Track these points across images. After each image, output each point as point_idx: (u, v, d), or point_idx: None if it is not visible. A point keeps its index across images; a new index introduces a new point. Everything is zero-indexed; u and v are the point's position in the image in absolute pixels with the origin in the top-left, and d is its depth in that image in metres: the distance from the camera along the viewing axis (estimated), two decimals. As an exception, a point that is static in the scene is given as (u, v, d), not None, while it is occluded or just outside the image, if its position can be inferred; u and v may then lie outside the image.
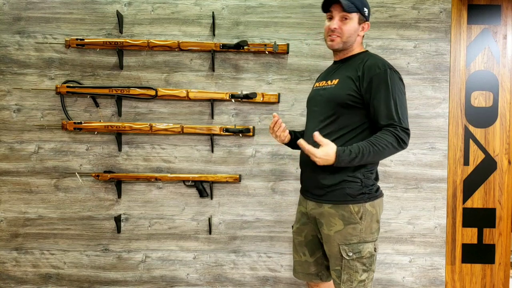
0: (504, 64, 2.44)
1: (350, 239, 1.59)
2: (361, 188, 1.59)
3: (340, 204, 1.59)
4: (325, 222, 1.63)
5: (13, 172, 2.44)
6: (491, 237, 2.47)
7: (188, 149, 2.44)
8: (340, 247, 1.59)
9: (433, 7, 2.40)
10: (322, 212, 1.64)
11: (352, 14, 1.62)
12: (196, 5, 2.40)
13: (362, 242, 1.59)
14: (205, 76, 2.43)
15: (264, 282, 2.48)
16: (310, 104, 1.79)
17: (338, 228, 1.59)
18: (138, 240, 2.47)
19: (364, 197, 1.60)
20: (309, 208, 1.71)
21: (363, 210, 1.59)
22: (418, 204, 2.45)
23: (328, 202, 1.62)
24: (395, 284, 2.47)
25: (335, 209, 1.60)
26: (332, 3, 1.63)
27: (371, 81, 1.55)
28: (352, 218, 1.58)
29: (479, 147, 2.46)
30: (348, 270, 1.59)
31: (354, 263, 1.58)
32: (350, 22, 1.63)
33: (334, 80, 1.68)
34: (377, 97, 1.54)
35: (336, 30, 1.63)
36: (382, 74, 1.55)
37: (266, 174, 2.44)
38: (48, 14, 2.40)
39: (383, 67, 1.57)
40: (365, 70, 1.58)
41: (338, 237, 1.59)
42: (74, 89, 2.35)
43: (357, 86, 1.59)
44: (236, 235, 2.47)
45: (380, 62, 1.60)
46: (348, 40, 1.65)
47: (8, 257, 2.47)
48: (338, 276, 1.61)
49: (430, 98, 2.42)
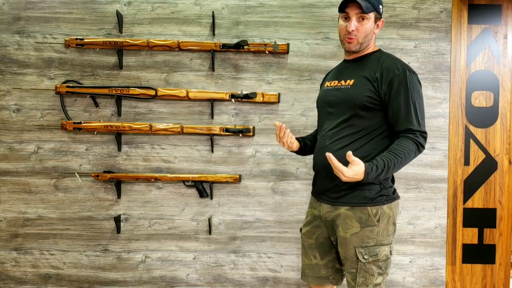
0: (505, 64, 2.44)
1: (367, 242, 1.56)
2: (380, 190, 1.58)
3: (357, 207, 1.57)
4: (341, 224, 1.60)
5: (12, 172, 2.44)
6: (491, 237, 2.46)
7: (188, 149, 2.44)
8: (357, 250, 1.56)
9: (434, 6, 2.40)
10: (338, 214, 1.61)
11: (369, 14, 1.59)
12: (196, 5, 2.40)
13: (378, 245, 1.57)
14: (205, 76, 2.42)
15: (264, 283, 2.48)
16: (323, 104, 1.75)
17: (355, 231, 1.57)
18: (137, 240, 2.46)
19: (382, 199, 1.58)
20: (323, 211, 1.68)
21: (381, 212, 1.57)
22: (419, 204, 2.44)
23: (345, 204, 1.59)
24: (395, 284, 2.47)
25: (352, 212, 1.58)
26: (348, 3, 1.58)
27: (391, 83, 1.54)
28: (369, 221, 1.56)
29: (480, 147, 2.45)
30: (363, 273, 1.57)
31: (370, 266, 1.56)
32: (367, 23, 1.60)
33: (349, 81, 1.64)
34: (397, 99, 1.53)
35: (353, 31, 1.60)
36: (401, 76, 1.54)
37: (266, 174, 2.44)
38: (47, 14, 2.40)
39: (402, 68, 1.56)
40: (384, 72, 1.56)
41: (355, 240, 1.57)
42: (73, 89, 2.35)
43: (375, 88, 1.57)
44: (236, 235, 2.47)
45: (399, 63, 1.59)
46: (365, 41, 1.63)
47: (7, 257, 2.47)
48: (353, 279, 1.59)
49: (430, 98, 2.42)
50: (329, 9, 2.39)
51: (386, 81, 1.55)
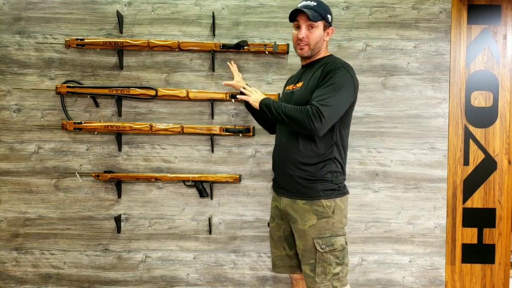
0: (504, 64, 2.44)
1: (323, 233, 1.70)
2: (332, 185, 1.73)
3: (313, 200, 1.71)
4: (299, 218, 1.73)
5: (13, 172, 2.44)
6: (491, 237, 2.47)
7: (188, 149, 2.44)
8: (314, 241, 1.69)
9: (433, 7, 2.40)
10: (296, 208, 1.75)
11: (317, 22, 1.74)
12: (196, 5, 2.40)
13: (334, 235, 1.71)
14: (205, 76, 2.43)
15: (264, 282, 2.48)
16: None
17: (312, 223, 1.70)
18: (138, 240, 2.47)
19: (334, 192, 1.73)
20: (283, 205, 1.82)
21: (335, 205, 1.72)
22: (418, 204, 2.45)
23: (302, 198, 1.73)
24: (395, 284, 2.47)
25: (309, 205, 1.72)
26: (298, 13, 1.75)
27: (325, 75, 1.68)
28: (325, 213, 1.70)
29: (479, 147, 2.46)
30: (322, 263, 1.69)
31: (327, 255, 1.69)
32: (316, 30, 1.75)
33: (299, 84, 1.81)
34: (320, 85, 1.67)
35: (304, 39, 1.75)
36: (334, 70, 1.67)
37: (266, 174, 2.44)
38: (48, 14, 2.40)
39: (339, 65, 1.70)
40: (325, 69, 1.71)
41: (312, 231, 1.70)
42: (74, 89, 2.35)
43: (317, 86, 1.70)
44: (236, 235, 2.47)
45: (339, 62, 1.73)
46: (315, 47, 1.78)
47: (8, 257, 2.48)
48: (313, 270, 1.71)
49: (430, 98, 2.42)
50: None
51: (323, 75, 1.69)
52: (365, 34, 2.41)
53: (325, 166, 1.73)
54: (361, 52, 2.41)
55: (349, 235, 2.45)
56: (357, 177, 2.44)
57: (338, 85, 1.64)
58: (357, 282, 2.47)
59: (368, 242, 2.46)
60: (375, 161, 2.44)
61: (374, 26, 2.40)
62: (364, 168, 2.44)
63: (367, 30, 2.40)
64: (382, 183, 2.44)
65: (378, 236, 2.46)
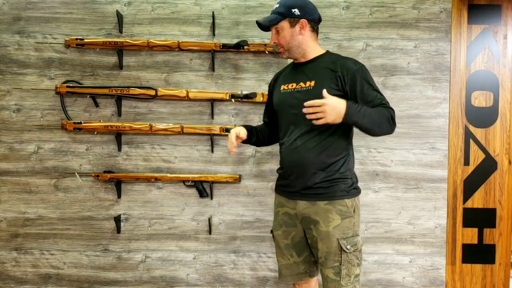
0: (505, 64, 2.44)
1: (347, 233, 1.65)
2: (352, 184, 1.71)
3: (336, 200, 1.66)
4: (322, 219, 1.66)
5: (12, 172, 2.44)
6: (491, 237, 2.47)
7: (188, 149, 2.44)
8: (340, 242, 1.63)
9: (433, 7, 2.40)
10: (317, 210, 1.67)
11: (280, 23, 1.69)
12: (196, 5, 2.40)
13: (355, 235, 1.68)
14: (205, 76, 2.42)
15: (264, 282, 2.48)
16: (285, 107, 1.77)
17: (337, 223, 1.64)
18: (138, 240, 2.47)
19: (354, 191, 1.71)
20: (300, 208, 1.71)
21: (355, 204, 1.70)
22: (418, 204, 2.45)
23: (324, 199, 1.66)
24: (395, 284, 2.47)
25: (332, 205, 1.66)
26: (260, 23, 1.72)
27: (354, 77, 1.64)
28: (348, 212, 1.66)
29: (480, 147, 2.45)
30: (347, 265, 1.64)
31: (351, 256, 1.64)
32: (282, 32, 1.70)
33: (309, 82, 1.70)
34: (363, 90, 1.64)
35: (276, 44, 1.74)
36: (360, 70, 1.66)
37: (266, 174, 2.44)
38: (47, 14, 2.40)
39: (358, 63, 1.68)
40: (344, 69, 1.66)
41: (337, 232, 1.64)
42: (73, 89, 2.35)
43: (339, 86, 1.66)
44: (236, 235, 2.47)
45: (352, 60, 1.72)
46: (290, 47, 1.72)
47: (7, 257, 2.47)
48: (337, 273, 1.63)
49: (430, 98, 2.42)
50: (329, 9, 2.40)
51: (349, 77, 1.64)
52: (365, 34, 2.40)
53: (344, 163, 1.69)
54: (361, 52, 2.41)
55: (349, 235, 2.45)
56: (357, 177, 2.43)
57: (373, 82, 1.67)
58: (357, 282, 2.47)
59: (369, 242, 2.45)
60: (375, 161, 2.43)
61: (374, 25, 2.40)
62: (365, 168, 2.43)
63: (367, 30, 2.40)
64: (383, 183, 2.43)
65: (378, 236, 2.45)
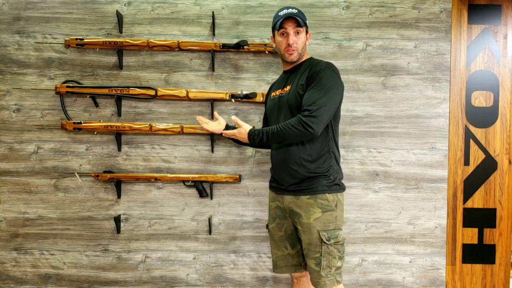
0: (505, 64, 2.44)
1: (328, 225, 1.76)
2: (333, 180, 1.81)
3: (318, 194, 1.77)
4: (304, 212, 1.78)
5: (12, 172, 2.44)
6: (491, 237, 2.46)
7: (188, 149, 2.44)
8: (320, 233, 1.74)
9: (434, 7, 2.40)
10: (300, 204, 1.79)
11: (303, 27, 1.83)
12: (196, 5, 2.40)
13: (337, 228, 1.78)
14: (205, 76, 2.42)
15: (264, 282, 2.48)
16: (272, 113, 1.95)
17: (317, 216, 1.76)
18: (137, 240, 2.46)
19: (336, 187, 1.81)
20: (286, 202, 1.85)
21: (337, 199, 1.81)
22: (418, 204, 2.44)
23: (307, 193, 1.78)
24: (395, 284, 2.47)
25: (313, 199, 1.77)
26: (288, 20, 1.81)
27: (315, 74, 1.75)
28: (329, 206, 1.77)
29: (480, 147, 2.45)
30: (327, 256, 1.75)
31: (332, 248, 1.75)
32: (302, 35, 1.84)
33: (286, 88, 1.87)
34: (311, 88, 1.73)
35: (293, 45, 1.82)
36: (321, 71, 1.74)
37: (266, 174, 2.44)
38: (47, 14, 2.40)
39: (324, 66, 1.77)
40: (313, 69, 1.77)
41: (318, 224, 1.75)
42: (73, 89, 2.35)
43: (305, 87, 1.76)
44: (236, 235, 2.47)
45: (323, 63, 1.80)
46: (302, 51, 1.86)
47: (7, 257, 2.47)
48: (318, 263, 1.75)
49: (430, 98, 2.42)
50: (329, 9, 2.40)
51: (311, 76, 1.76)
52: (365, 34, 2.40)
53: (326, 161, 1.81)
54: (362, 52, 2.41)
55: (349, 235, 2.44)
56: (357, 177, 2.43)
57: (327, 85, 1.72)
58: (357, 282, 2.47)
59: (369, 242, 2.45)
60: (375, 161, 2.43)
61: (374, 25, 2.40)
62: (365, 168, 2.43)
63: (368, 30, 2.40)
64: (383, 183, 2.43)
65: (378, 237, 2.45)
